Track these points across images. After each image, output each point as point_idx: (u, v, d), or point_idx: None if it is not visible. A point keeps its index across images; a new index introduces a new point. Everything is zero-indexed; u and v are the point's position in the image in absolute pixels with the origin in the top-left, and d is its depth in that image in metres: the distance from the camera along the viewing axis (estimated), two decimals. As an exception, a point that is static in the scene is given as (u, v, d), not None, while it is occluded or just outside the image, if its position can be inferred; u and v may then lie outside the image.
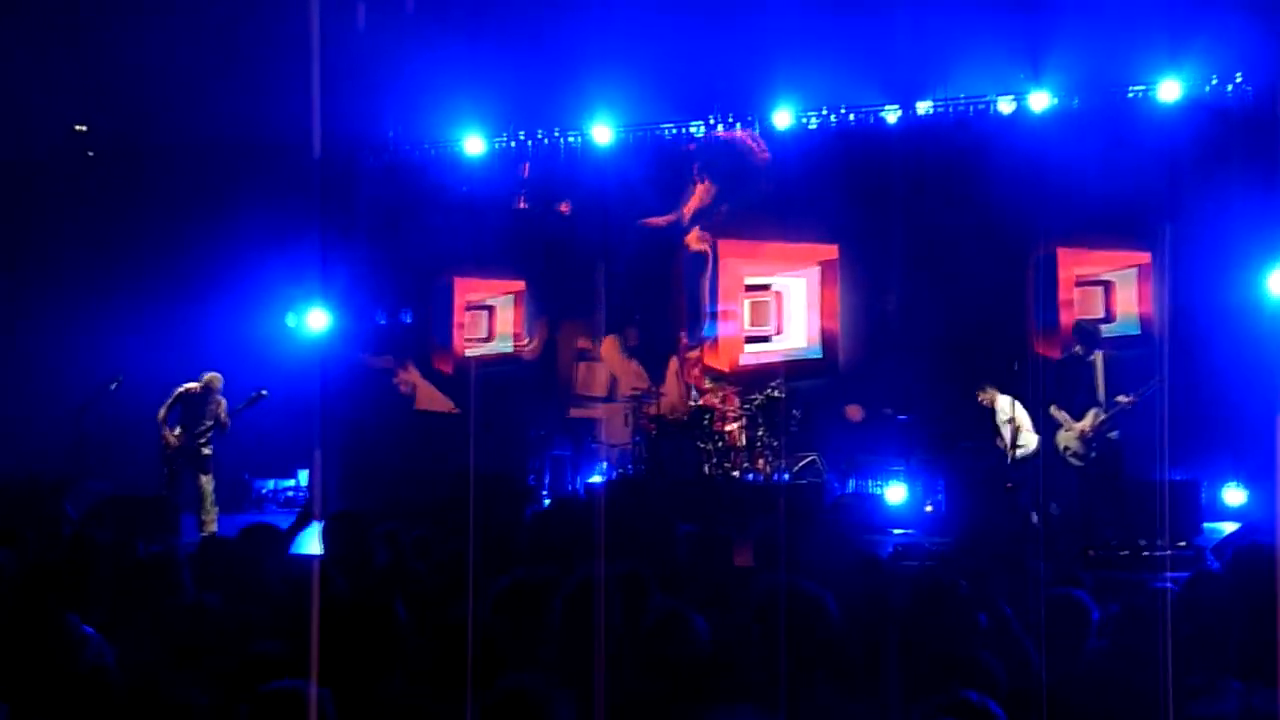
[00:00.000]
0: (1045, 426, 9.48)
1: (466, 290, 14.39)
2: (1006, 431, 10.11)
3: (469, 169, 13.85)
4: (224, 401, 10.76)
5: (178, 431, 10.60)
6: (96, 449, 10.81)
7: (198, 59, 9.30)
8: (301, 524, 5.85)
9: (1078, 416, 9.01)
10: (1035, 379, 9.55)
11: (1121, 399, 8.82)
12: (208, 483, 10.64)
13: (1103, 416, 8.89)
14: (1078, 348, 9.21)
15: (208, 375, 10.78)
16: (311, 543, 5.88)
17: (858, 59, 11.80)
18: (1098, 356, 9.07)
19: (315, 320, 14.12)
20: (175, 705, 3.05)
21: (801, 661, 3.12)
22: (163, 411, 10.63)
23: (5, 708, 2.52)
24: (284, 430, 13.13)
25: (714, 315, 13.14)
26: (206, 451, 10.71)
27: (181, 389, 10.67)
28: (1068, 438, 9.06)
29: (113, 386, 10.87)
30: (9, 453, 11.59)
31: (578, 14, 10.96)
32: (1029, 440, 10.06)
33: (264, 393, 10.81)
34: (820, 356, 12.80)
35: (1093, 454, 8.98)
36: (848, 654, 3.31)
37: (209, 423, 10.65)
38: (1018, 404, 10.10)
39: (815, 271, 12.89)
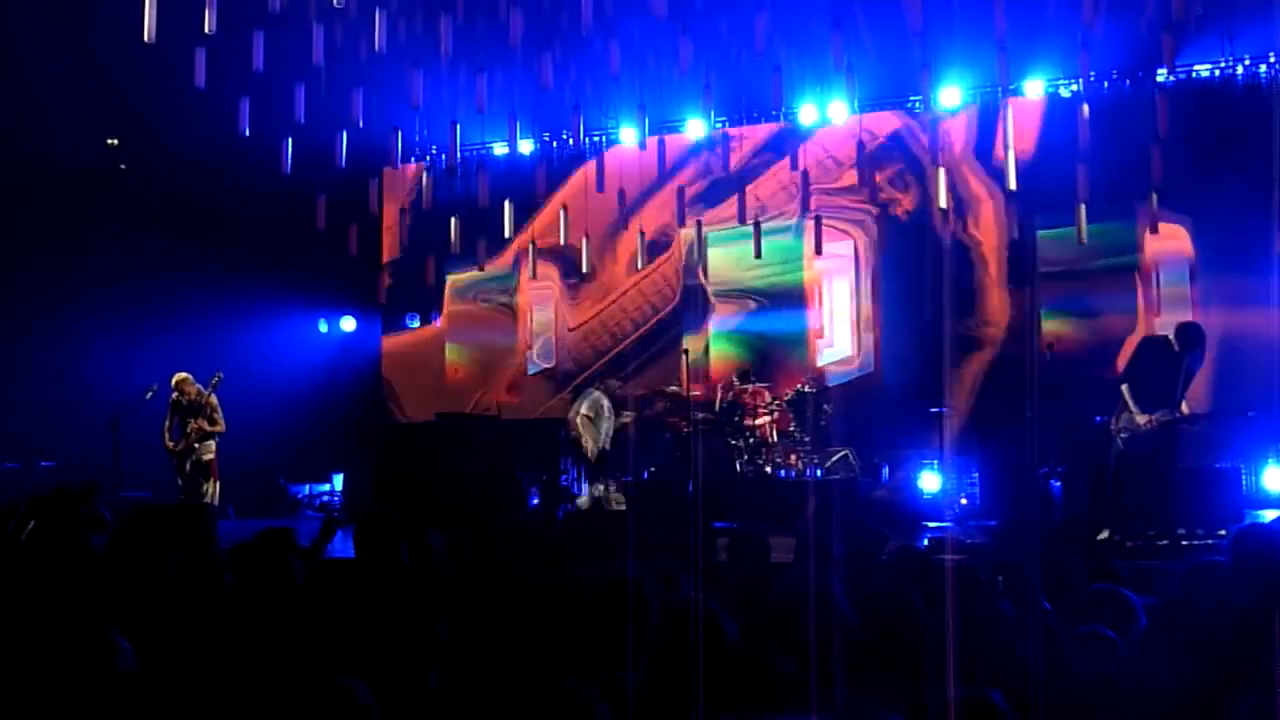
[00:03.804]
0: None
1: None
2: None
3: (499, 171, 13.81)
4: (211, 395, 10.73)
5: (174, 443, 10.69)
6: (131, 458, 10.87)
7: (225, 67, 9.33)
8: (327, 533, 5.82)
9: (1146, 408, 8.51)
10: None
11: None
12: (209, 487, 10.60)
13: (1167, 419, 8.41)
14: (1174, 342, 8.69)
15: (175, 379, 10.79)
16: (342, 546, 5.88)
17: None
18: (1187, 362, 8.57)
19: (346, 326, 14.22)
20: (210, 710, 3.06)
21: (828, 659, 3.09)
22: (164, 429, 10.72)
23: None
24: (317, 434, 13.24)
25: None
26: (208, 457, 10.69)
27: (170, 399, 10.76)
28: (1127, 419, 8.57)
29: (147, 396, 10.91)
30: (45, 461, 11.71)
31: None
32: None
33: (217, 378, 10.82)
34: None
35: (1147, 443, 8.52)
36: (877, 652, 3.27)
37: (196, 423, 10.63)
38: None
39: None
